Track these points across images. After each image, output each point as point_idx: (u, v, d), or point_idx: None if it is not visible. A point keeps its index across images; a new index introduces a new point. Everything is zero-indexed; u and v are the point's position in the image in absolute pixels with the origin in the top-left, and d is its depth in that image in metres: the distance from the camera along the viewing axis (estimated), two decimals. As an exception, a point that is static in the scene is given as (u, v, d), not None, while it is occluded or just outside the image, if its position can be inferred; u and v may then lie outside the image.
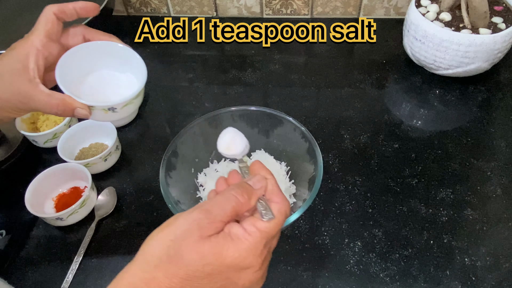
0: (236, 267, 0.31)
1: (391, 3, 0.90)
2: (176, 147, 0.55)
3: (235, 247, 0.31)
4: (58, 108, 0.41)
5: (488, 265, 0.52)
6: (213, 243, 0.31)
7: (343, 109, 0.73)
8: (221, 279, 0.31)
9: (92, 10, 0.44)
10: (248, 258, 0.31)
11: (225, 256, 0.31)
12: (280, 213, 0.34)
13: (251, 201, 0.34)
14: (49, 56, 0.41)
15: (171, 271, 0.30)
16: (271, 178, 0.37)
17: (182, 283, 0.30)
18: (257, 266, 0.32)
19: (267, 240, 0.33)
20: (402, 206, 0.58)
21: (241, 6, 0.93)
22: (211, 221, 0.32)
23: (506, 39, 0.67)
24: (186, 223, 0.31)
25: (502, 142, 0.66)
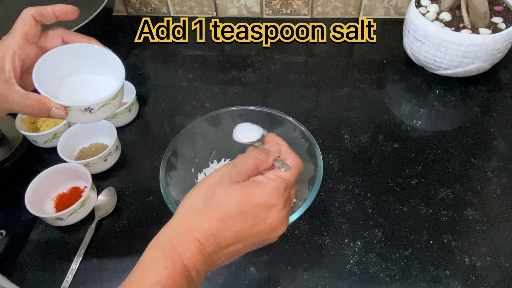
0: (263, 205, 0.36)
1: (391, 3, 0.90)
2: (176, 147, 0.55)
3: (261, 188, 0.37)
4: (33, 108, 0.40)
5: (488, 265, 0.52)
6: (242, 186, 0.36)
7: (343, 109, 0.73)
8: (251, 217, 0.36)
9: (71, 13, 0.44)
10: (273, 197, 0.37)
11: (253, 195, 0.36)
12: (295, 165, 0.40)
13: (269, 159, 0.40)
14: (26, 58, 0.42)
15: (208, 213, 0.35)
16: (284, 144, 0.43)
17: (218, 223, 0.35)
18: (280, 204, 0.37)
19: (286, 184, 0.38)
20: (402, 206, 0.58)
21: (241, 6, 0.93)
22: (238, 172, 0.37)
23: (506, 39, 0.67)
24: (217, 175, 0.37)
25: (502, 142, 0.66)
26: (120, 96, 0.45)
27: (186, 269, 0.33)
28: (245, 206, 0.35)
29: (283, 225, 0.38)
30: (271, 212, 0.37)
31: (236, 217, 0.35)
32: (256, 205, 0.36)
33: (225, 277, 0.52)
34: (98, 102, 0.42)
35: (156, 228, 0.37)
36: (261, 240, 0.38)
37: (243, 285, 0.51)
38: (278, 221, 0.37)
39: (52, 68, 0.43)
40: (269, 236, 0.38)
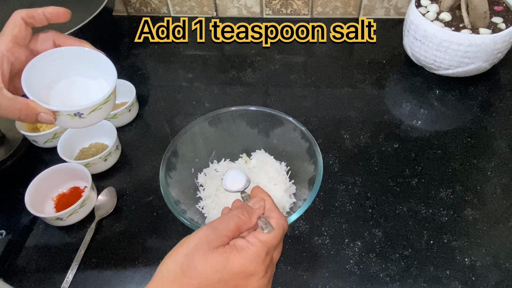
0: (242, 273, 0.34)
1: (391, 3, 0.90)
2: (176, 147, 0.55)
3: (240, 255, 0.35)
4: (21, 112, 0.40)
5: (488, 265, 0.52)
6: (220, 253, 0.35)
7: (343, 109, 0.73)
8: (230, 286, 0.34)
9: (63, 15, 0.43)
10: (252, 265, 0.35)
11: (231, 263, 0.34)
12: (278, 226, 0.38)
13: (251, 218, 0.38)
14: (15, 61, 0.41)
15: (185, 282, 0.33)
16: (269, 199, 0.41)
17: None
18: (261, 272, 0.35)
19: (268, 249, 0.36)
20: (402, 206, 0.58)
21: (241, 6, 0.93)
22: (217, 235, 0.36)
23: (506, 39, 0.67)
24: (196, 239, 0.35)
25: (502, 142, 0.66)
26: (112, 100, 0.44)
27: None
28: (223, 274, 0.34)
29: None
30: (251, 280, 0.35)
31: (213, 286, 0.34)
32: (235, 273, 0.34)
33: (225, 277, 0.52)
34: (88, 107, 0.41)
35: (156, 228, 0.37)
36: None
37: (243, 285, 0.51)
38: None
39: (42, 72, 0.42)
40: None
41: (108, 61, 0.45)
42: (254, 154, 0.61)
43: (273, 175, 0.58)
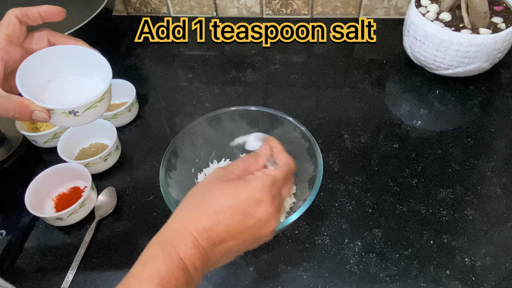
0: (251, 199, 0.38)
1: (391, 3, 0.90)
2: (176, 147, 0.55)
3: (247, 184, 0.39)
4: (15, 111, 0.40)
5: (488, 265, 0.52)
6: (230, 183, 0.39)
7: (343, 109, 0.73)
8: (240, 211, 0.37)
9: (57, 14, 0.43)
10: (258, 192, 0.38)
11: (239, 190, 0.38)
12: (283, 163, 0.42)
13: (259, 161, 0.42)
14: (9, 60, 0.41)
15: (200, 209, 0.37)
16: (278, 146, 0.44)
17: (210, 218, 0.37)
18: (268, 200, 0.39)
19: (273, 180, 0.40)
20: (402, 206, 0.58)
21: (241, 6, 0.93)
22: (227, 172, 0.40)
23: (506, 39, 0.67)
24: (209, 177, 0.41)
25: (502, 142, 0.66)
26: (107, 98, 0.44)
27: (183, 263, 0.35)
28: (233, 201, 0.38)
29: (272, 220, 0.39)
30: (259, 207, 0.38)
31: (226, 211, 0.37)
32: (244, 199, 0.38)
33: (225, 277, 0.52)
34: (82, 105, 0.41)
35: (156, 228, 0.37)
36: (254, 236, 0.39)
37: (243, 285, 0.51)
38: (266, 216, 0.39)
39: (37, 71, 0.42)
40: (260, 232, 0.39)
41: (103, 59, 0.45)
42: (254, 154, 0.61)
43: (273, 175, 0.58)
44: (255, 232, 0.39)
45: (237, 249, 0.39)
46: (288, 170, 0.43)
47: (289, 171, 0.43)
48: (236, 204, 0.38)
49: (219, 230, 0.37)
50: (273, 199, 0.39)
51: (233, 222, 0.37)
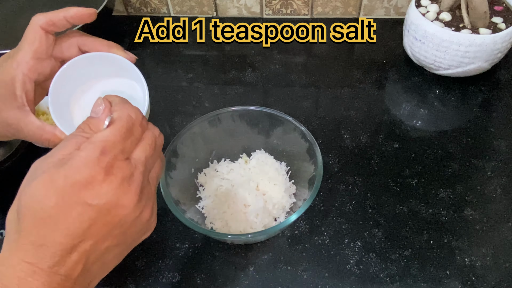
0: (75, 185, 0.28)
1: (391, 3, 0.90)
2: (176, 147, 0.55)
3: (64, 168, 0.28)
4: (49, 143, 0.39)
5: (488, 265, 0.52)
6: (42, 175, 0.29)
7: (343, 109, 0.73)
8: (70, 206, 0.28)
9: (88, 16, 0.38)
10: (80, 170, 0.28)
11: (55, 179, 0.28)
12: (119, 117, 0.31)
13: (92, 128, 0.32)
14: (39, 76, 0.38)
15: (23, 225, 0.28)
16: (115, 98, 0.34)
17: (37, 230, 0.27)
18: (98, 176, 0.28)
19: (103, 147, 0.29)
20: (402, 206, 0.58)
21: (241, 6, 0.93)
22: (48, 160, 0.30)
23: (506, 39, 0.67)
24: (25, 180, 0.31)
25: (502, 142, 0.66)
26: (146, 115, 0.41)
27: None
28: (51, 197, 0.28)
29: (125, 199, 0.29)
30: (90, 191, 0.28)
31: (51, 215, 0.27)
32: (64, 189, 0.28)
33: (225, 277, 0.52)
34: None
35: (156, 228, 0.37)
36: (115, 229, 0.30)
37: (243, 285, 0.51)
38: (108, 198, 0.28)
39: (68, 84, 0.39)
40: (117, 221, 0.29)
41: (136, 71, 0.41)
42: (254, 154, 0.61)
43: (273, 175, 0.58)
44: (108, 222, 0.29)
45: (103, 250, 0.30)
46: (125, 125, 0.31)
47: (130, 126, 0.31)
48: (58, 200, 0.27)
49: (57, 239, 0.27)
50: (110, 172, 0.29)
51: (68, 223, 0.28)
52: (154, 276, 0.52)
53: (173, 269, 0.53)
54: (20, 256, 0.27)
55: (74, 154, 0.29)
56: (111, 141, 0.30)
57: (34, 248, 0.27)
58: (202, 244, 0.55)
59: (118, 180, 0.29)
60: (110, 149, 0.29)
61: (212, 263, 0.54)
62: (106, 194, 0.28)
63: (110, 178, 0.29)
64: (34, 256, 0.27)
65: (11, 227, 0.29)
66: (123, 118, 0.31)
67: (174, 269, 0.53)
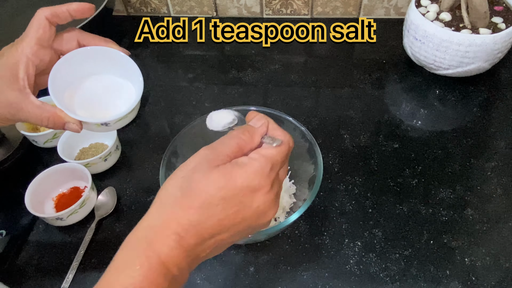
0: (247, 188, 0.33)
1: (391, 3, 0.90)
2: (176, 147, 0.55)
3: (243, 170, 0.33)
4: (49, 121, 0.40)
5: (488, 265, 0.52)
6: (222, 169, 0.33)
7: (343, 109, 0.73)
8: (235, 203, 0.32)
9: (88, 10, 0.42)
10: (256, 179, 0.33)
11: (234, 178, 0.32)
12: (284, 141, 0.36)
13: (254, 137, 0.36)
14: (40, 63, 0.40)
15: (186, 203, 0.31)
16: (270, 120, 0.38)
17: (199, 213, 0.31)
18: (266, 187, 0.33)
19: (272, 164, 0.34)
20: (402, 206, 0.58)
21: (241, 6, 0.93)
22: (217, 154, 0.34)
23: (506, 39, 0.67)
24: (194, 160, 0.34)
25: (502, 142, 0.66)
26: (136, 107, 0.44)
27: (165, 266, 0.30)
28: (226, 191, 0.32)
29: (272, 209, 0.35)
30: (256, 195, 0.33)
31: (217, 204, 0.32)
32: (239, 189, 0.32)
33: (225, 277, 0.52)
34: (115, 119, 0.42)
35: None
36: (249, 227, 0.35)
37: (243, 285, 0.51)
38: (265, 205, 0.34)
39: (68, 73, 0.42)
40: (257, 222, 0.34)
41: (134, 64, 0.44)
42: (254, 154, 0.61)
43: (273, 175, 0.58)
44: (252, 222, 0.34)
45: (231, 241, 0.35)
46: (288, 150, 0.36)
47: (289, 151, 0.37)
48: (229, 195, 0.32)
49: (210, 225, 0.32)
50: (272, 185, 0.34)
51: (227, 215, 0.32)
52: (154, 276, 0.52)
53: (173, 269, 0.53)
54: (174, 227, 0.31)
55: (250, 162, 0.33)
56: (277, 161, 0.35)
57: (189, 225, 0.31)
58: (202, 244, 0.55)
59: (274, 194, 0.35)
60: (276, 167, 0.35)
61: (212, 263, 0.54)
62: (264, 203, 0.34)
63: (272, 190, 0.34)
64: (186, 231, 0.31)
65: (168, 197, 0.33)
66: (287, 144, 0.36)
67: (174, 269, 0.53)
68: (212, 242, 0.33)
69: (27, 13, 0.84)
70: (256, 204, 0.33)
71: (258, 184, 0.33)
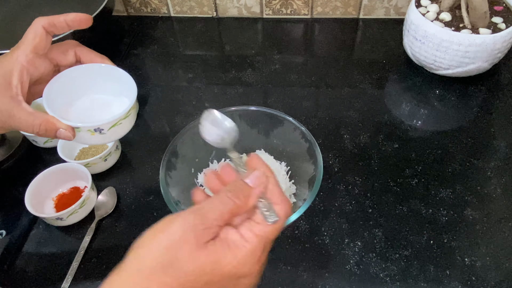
0: (234, 276, 0.30)
1: (391, 3, 0.90)
2: (176, 147, 0.55)
3: (233, 255, 0.30)
4: (40, 128, 0.39)
5: (488, 265, 0.52)
6: (211, 252, 0.29)
7: (343, 109, 0.73)
8: (216, 287, 0.30)
9: (85, 21, 0.42)
10: (246, 266, 0.30)
11: (223, 265, 0.30)
12: (283, 215, 0.32)
13: (249, 202, 0.32)
14: (35, 71, 0.40)
15: (165, 281, 0.28)
16: (271, 176, 0.34)
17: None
18: (254, 273, 0.31)
19: (265, 245, 0.31)
20: (402, 206, 0.58)
21: (241, 6, 0.93)
22: (207, 227, 0.30)
23: (506, 39, 0.67)
24: (180, 230, 0.29)
25: (502, 142, 0.66)
26: (132, 115, 0.44)
27: None
28: (212, 277, 0.29)
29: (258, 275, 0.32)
30: (240, 281, 0.31)
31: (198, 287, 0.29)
32: (225, 276, 0.30)
33: (225, 277, 0.52)
34: (108, 122, 0.41)
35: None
36: None
37: (243, 285, 0.51)
38: (250, 286, 0.32)
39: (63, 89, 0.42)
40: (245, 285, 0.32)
41: (128, 76, 0.45)
42: (254, 154, 0.61)
43: (273, 175, 0.58)
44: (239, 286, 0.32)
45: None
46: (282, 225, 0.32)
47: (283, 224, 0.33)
48: (214, 281, 0.29)
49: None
50: (261, 267, 0.32)
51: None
52: (154, 276, 0.52)
53: (173, 269, 0.53)
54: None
55: (242, 244, 0.30)
56: (270, 240, 0.32)
57: None
58: (202, 244, 0.55)
59: (258, 277, 0.32)
60: (268, 245, 0.32)
61: (212, 263, 0.54)
62: (249, 285, 0.32)
63: (259, 273, 0.32)
64: None
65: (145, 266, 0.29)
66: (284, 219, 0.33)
67: (174, 269, 0.53)
68: None
69: (27, 14, 0.84)
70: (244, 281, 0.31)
71: (246, 271, 0.31)
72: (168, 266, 0.28)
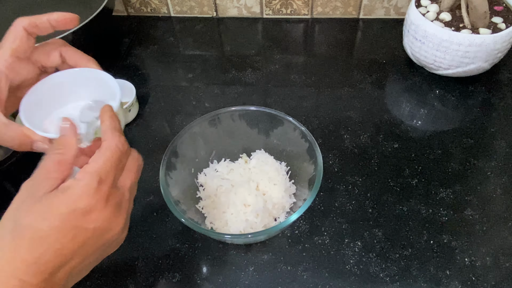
0: (74, 212, 0.31)
1: (391, 3, 0.90)
2: (176, 147, 0.55)
3: (66, 195, 0.31)
4: (14, 141, 0.37)
5: (488, 265, 0.52)
6: (44, 200, 0.31)
7: (343, 109, 0.73)
8: (67, 230, 0.31)
9: (70, 21, 0.38)
10: (82, 200, 0.31)
11: (58, 206, 0.30)
12: (106, 148, 0.33)
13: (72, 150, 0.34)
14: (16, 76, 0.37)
15: (16, 243, 0.30)
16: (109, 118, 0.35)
17: (31, 249, 0.30)
18: (98, 204, 0.32)
19: (100, 177, 0.32)
20: (402, 206, 0.58)
21: (241, 6, 0.93)
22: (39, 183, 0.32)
23: (506, 39, 0.67)
24: (17, 200, 0.32)
25: (502, 142, 0.66)
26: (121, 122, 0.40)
27: None
28: (53, 221, 0.30)
29: (114, 221, 0.33)
30: (90, 216, 0.31)
31: (48, 235, 0.30)
32: (66, 215, 0.30)
33: (225, 277, 0.52)
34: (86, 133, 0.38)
35: (156, 228, 0.36)
36: (98, 248, 0.33)
37: (243, 285, 0.51)
38: (104, 222, 0.32)
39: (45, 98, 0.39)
40: (104, 239, 0.33)
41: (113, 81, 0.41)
42: (254, 154, 0.61)
43: (273, 175, 0.58)
44: (97, 242, 0.33)
45: (86, 264, 0.34)
46: (115, 155, 0.33)
47: (119, 155, 0.34)
48: (58, 224, 0.30)
49: (48, 259, 0.30)
50: (107, 200, 0.32)
51: (63, 244, 0.30)
52: (154, 276, 0.52)
53: (173, 269, 0.53)
54: (11, 272, 0.29)
55: (72, 184, 0.31)
56: (105, 171, 0.32)
57: (26, 266, 0.29)
58: (202, 244, 0.55)
59: (113, 207, 0.33)
60: (105, 178, 0.32)
61: (212, 263, 0.54)
62: (102, 220, 0.32)
63: (107, 206, 0.32)
64: (25, 273, 0.29)
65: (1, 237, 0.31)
66: (110, 150, 0.33)
67: (174, 269, 0.53)
68: (63, 274, 0.31)
69: (27, 14, 0.84)
70: (92, 225, 0.32)
71: (87, 205, 0.31)
72: (14, 230, 0.30)
